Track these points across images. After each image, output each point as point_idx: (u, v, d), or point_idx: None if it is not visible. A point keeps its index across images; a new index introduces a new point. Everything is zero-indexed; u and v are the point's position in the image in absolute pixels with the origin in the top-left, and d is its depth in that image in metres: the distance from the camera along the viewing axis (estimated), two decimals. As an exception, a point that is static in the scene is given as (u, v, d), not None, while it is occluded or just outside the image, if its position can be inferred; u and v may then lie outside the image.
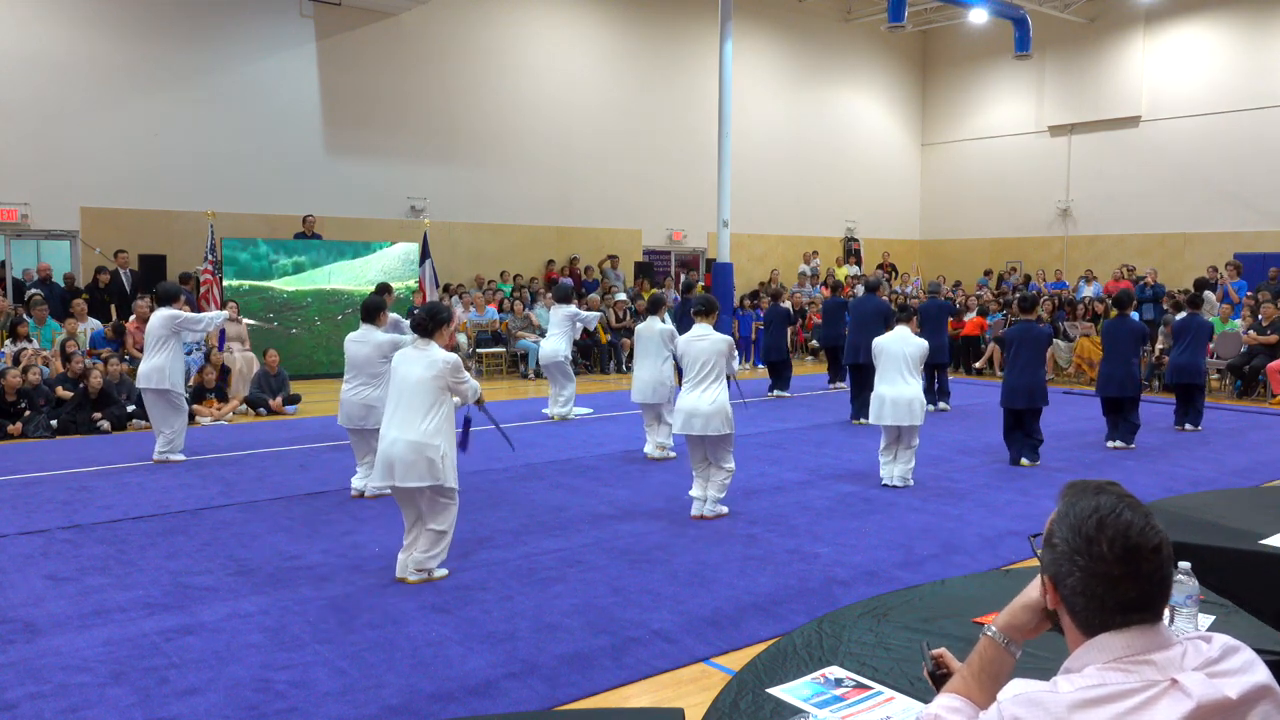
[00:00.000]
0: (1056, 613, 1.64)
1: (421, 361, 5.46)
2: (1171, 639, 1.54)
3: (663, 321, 9.18)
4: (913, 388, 7.77)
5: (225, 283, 14.16)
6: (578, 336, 12.20)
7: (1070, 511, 1.59)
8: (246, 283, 14.47)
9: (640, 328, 9.26)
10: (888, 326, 10.08)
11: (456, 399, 5.64)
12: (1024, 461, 8.82)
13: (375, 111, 17.29)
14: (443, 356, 5.46)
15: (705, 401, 6.72)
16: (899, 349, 7.86)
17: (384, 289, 9.56)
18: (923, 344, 7.94)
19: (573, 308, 11.50)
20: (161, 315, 8.84)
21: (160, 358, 8.72)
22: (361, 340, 7.41)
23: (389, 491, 6.15)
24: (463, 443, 5.97)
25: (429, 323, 5.60)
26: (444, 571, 5.58)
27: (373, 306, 7.51)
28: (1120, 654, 1.51)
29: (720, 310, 7.33)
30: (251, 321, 12.99)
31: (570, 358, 11.38)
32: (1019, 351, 8.77)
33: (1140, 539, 1.53)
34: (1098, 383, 10.04)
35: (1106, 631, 1.54)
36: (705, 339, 6.88)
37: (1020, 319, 9.11)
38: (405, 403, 5.43)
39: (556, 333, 11.17)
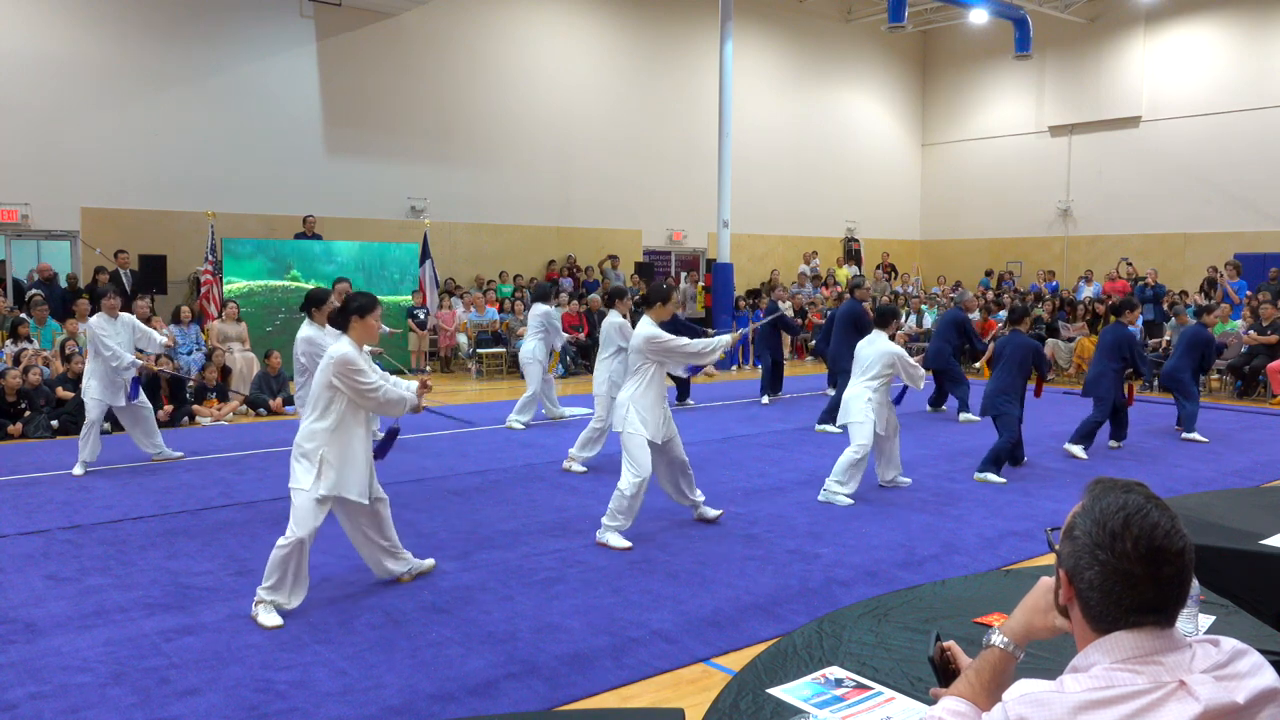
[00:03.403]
0: (1068, 609, 1.62)
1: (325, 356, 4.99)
2: (1181, 642, 1.52)
3: (622, 316, 8.74)
4: (853, 388, 7.60)
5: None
6: (558, 344, 11.50)
7: (1095, 506, 1.56)
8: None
9: (605, 322, 8.92)
10: (857, 328, 10.00)
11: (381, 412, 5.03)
12: (1021, 460, 8.85)
13: (375, 112, 17.29)
14: (330, 350, 4.90)
15: (621, 398, 6.38)
16: (861, 351, 7.74)
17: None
18: (885, 351, 7.56)
19: (548, 307, 10.81)
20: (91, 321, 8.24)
21: (89, 364, 8.28)
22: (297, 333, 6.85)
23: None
24: (379, 452, 5.47)
25: (304, 303, 5.19)
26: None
27: (310, 299, 6.68)
28: (1129, 654, 1.50)
29: (662, 303, 6.44)
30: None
31: (543, 360, 10.58)
32: (1000, 361, 8.82)
33: (1165, 541, 1.50)
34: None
35: (1117, 631, 1.52)
36: (634, 333, 6.40)
37: (1010, 329, 9.19)
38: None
39: (531, 333, 10.67)
